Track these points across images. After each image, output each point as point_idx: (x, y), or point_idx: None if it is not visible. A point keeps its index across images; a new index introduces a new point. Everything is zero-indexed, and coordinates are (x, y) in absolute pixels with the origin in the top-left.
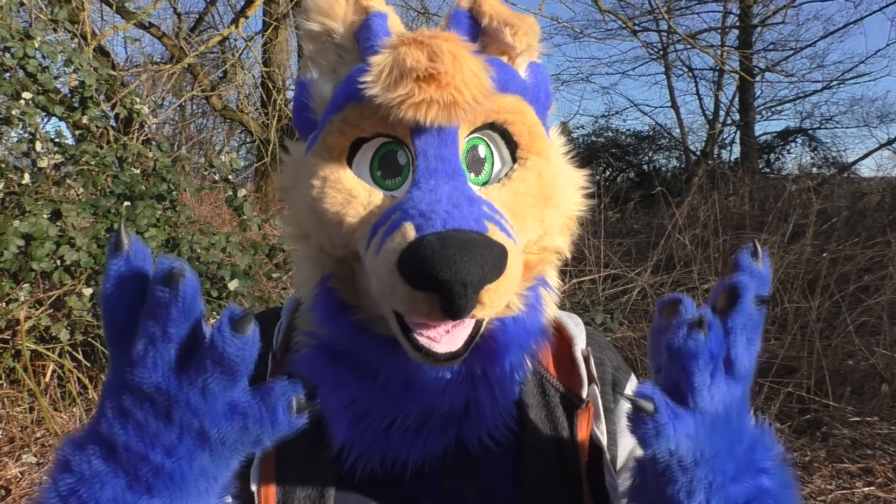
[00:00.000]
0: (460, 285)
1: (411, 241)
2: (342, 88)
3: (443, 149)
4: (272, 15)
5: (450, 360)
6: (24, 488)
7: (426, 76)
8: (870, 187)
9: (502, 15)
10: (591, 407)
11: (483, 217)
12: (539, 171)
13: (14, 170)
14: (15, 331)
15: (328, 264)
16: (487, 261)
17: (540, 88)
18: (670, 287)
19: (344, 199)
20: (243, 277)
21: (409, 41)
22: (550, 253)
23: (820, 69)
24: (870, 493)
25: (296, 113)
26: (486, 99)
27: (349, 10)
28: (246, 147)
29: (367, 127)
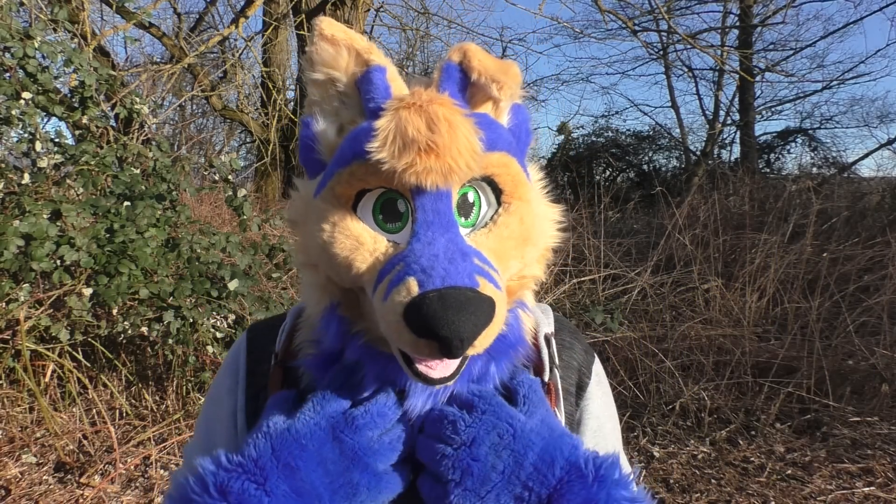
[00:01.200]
0: (458, 340)
1: (415, 296)
2: (350, 145)
3: (439, 203)
4: (272, 15)
5: (442, 382)
6: (24, 488)
7: (426, 148)
8: (870, 187)
9: (489, 71)
10: (552, 390)
11: (475, 272)
12: (521, 215)
13: (14, 170)
14: (15, 331)
15: (335, 293)
16: (480, 317)
17: (521, 128)
18: (670, 287)
19: (352, 245)
20: (243, 277)
21: (408, 105)
22: (529, 280)
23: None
24: (870, 493)
25: (302, 152)
26: (477, 163)
27: (351, 62)
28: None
29: (372, 182)
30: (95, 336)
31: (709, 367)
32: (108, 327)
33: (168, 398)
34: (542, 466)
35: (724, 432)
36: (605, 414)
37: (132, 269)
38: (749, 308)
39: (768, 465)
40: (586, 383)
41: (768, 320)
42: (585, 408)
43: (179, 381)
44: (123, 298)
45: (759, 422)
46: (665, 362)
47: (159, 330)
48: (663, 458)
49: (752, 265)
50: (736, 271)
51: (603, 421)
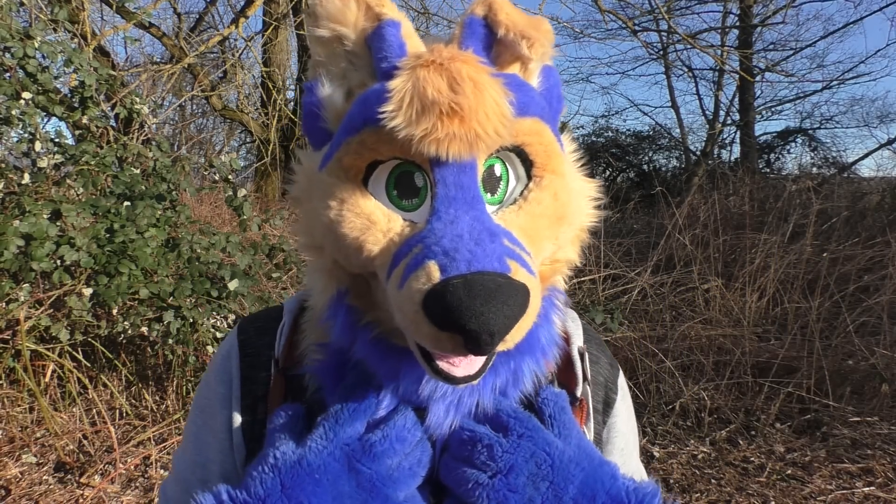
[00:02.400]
0: (487, 335)
1: (436, 283)
2: (359, 110)
3: (462, 176)
4: (272, 15)
5: (467, 381)
6: (24, 488)
7: (448, 111)
8: (870, 187)
9: (518, 26)
10: (584, 406)
11: (505, 255)
12: (555, 190)
13: (14, 170)
14: (15, 331)
15: (343, 278)
16: (513, 308)
17: (552, 93)
18: (670, 287)
19: (363, 224)
20: (243, 277)
21: (427, 63)
22: (562, 264)
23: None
24: (870, 493)
25: (306, 119)
26: (507, 129)
27: (360, 17)
28: (246, 147)
29: (384, 151)
30: (95, 336)
31: (709, 367)
32: (108, 327)
33: (168, 398)
34: (583, 502)
35: (724, 432)
36: (630, 429)
37: (132, 269)
38: (749, 308)
39: (768, 465)
40: (613, 399)
41: (768, 320)
42: (613, 426)
43: (179, 381)
44: (123, 298)
45: (759, 422)
46: (665, 362)
47: (159, 330)
48: (663, 458)
49: (752, 265)
50: (736, 271)
51: (629, 438)
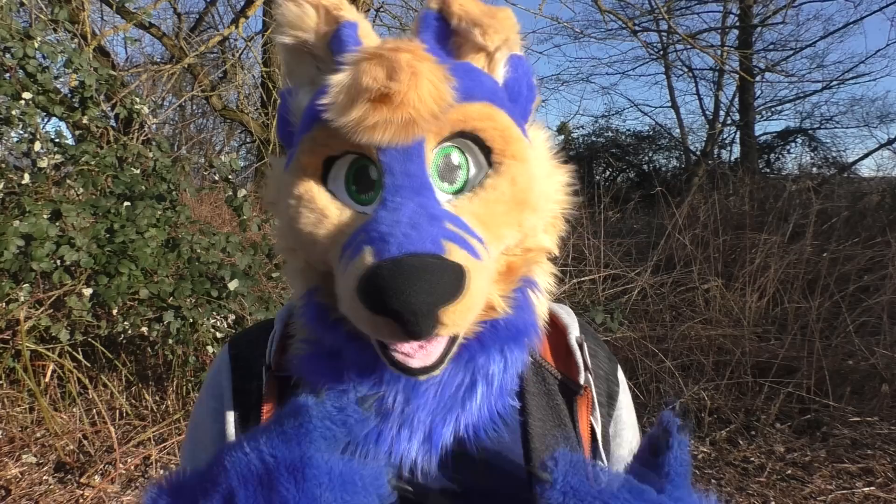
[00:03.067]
0: (410, 314)
1: (368, 266)
2: (309, 108)
3: (408, 164)
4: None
5: (424, 373)
6: (24, 488)
7: (380, 97)
8: (870, 187)
9: (471, 14)
10: (589, 393)
11: (442, 237)
12: (513, 175)
13: (14, 170)
14: (15, 331)
15: (314, 277)
16: (438, 286)
17: (521, 82)
18: (670, 287)
19: (316, 218)
20: (243, 277)
21: (370, 55)
22: (536, 253)
23: (820, 69)
24: (870, 493)
25: (279, 126)
26: (446, 112)
27: (321, 22)
28: (246, 147)
29: (335, 146)
30: (95, 336)
31: (709, 367)
32: (108, 327)
33: (168, 398)
34: None
35: (724, 432)
36: (634, 421)
37: (132, 269)
38: (749, 308)
39: (768, 465)
40: (616, 392)
41: (768, 320)
42: (619, 418)
43: (179, 381)
44: (123, 298)
45: (759, 422)
46: (665, 362)
47: (159, 330)
48: None
49: (752, 265)
50: (736, 271)
51: (635, 430)
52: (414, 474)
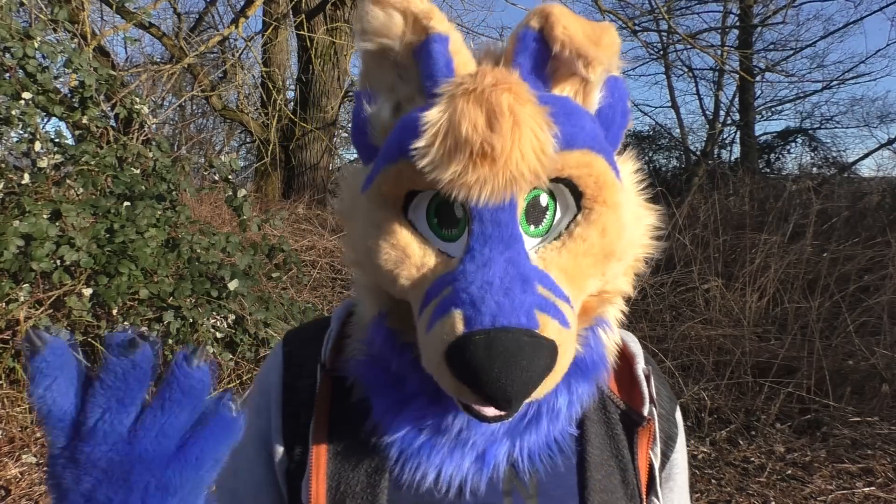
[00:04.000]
0: (504, 401)
1: (459, 336)
2: (397, 137)
3: (500, 213)
4: (272, 15)
5: (498, 420)
6: (23, 488)
7: (480, 152)
8: (870, 187)
9: (575, 42)
10: (651, 426)
11: (535, 307)
12: (603, 225)
13: (14, 170)
14: (15, 331)
15: (385, 300)
16: (535, 370)
17: (616, 108)
18: (670, 287)
19: (398, 257)
20: (243, 277)
21: (467, 91)
22: (612, 295)
23: (820, 69)
24: (870, 493)
25: (354, 133)
26: (547, 168)
27: (408, 30)
28: (246, 147)
29: (420, 183)
30: (95, 336)
31: (709, 367)
32: (108, 327)
33: None
34: None
35: (725, 432)
36: (686, 464)
37: (132, 269)
38: (749, 308)
39: (768, 466)
40: (675, 434)
41: (768, 320)
42: (675, 462)
43: None
44: (123, 298)
45: (759, 422)
46: (665, 362)
47: (159, 330)
48: None
49: (752, 265)
50: (736, 271)
51: (686, 475)
52: (463, 492)
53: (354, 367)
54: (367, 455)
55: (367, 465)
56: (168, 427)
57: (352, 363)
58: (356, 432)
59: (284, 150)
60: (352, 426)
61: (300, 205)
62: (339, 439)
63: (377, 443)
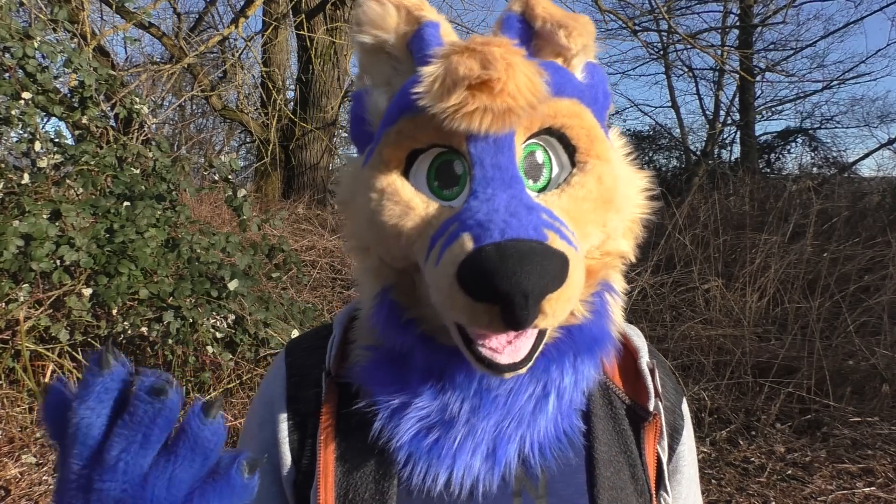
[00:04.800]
0: (521, 296)
1: (470, 251)
2: (396, 101)
3: (499, 156)
4: (272, 15)
5: (512, 370)
6: (23, 488)
7: (478, 84)
8: (870, 187)
9: (555, 17)
10: (658, 421)
11: (542, 225)
12: (599, 174)
13: (14, 170)
14: (15, 331)
15: (389, 276)
16: (548, 270)
17: (598, 89)
18: (670, 287)
19: (402, 210)
20: (243, 277)
21: (460, 49)
22: (614, 257)
23: (820, 69)
24: (870, 493)
25: (353, 126)
26: (541, 104)
27: (401, 22)
28: (246, 147)
29: (422, 138)
30: (95, 336)
31: (709, 368)
32: (107, 327)
33: None
34: None
35: (725, 432)
36: (694, 456)
37: (132, 269)
38: (749, 308)
39: (768, 466)
40: (681, 426)
41: (768, 320)
42: (681, 454)
43: (179, 382)
44: (123, 298)
45: (759, 422)
46: (665, 362)
47: (159, 330)
48: None
49: (752, 265)
50: (736, 271)
51: (695, 466)
52: (474, 493)
53: (359, 373)
54: (375, 460)
55: (375, 471)
56: (177, 477)
57: (356, 369)
58: (363, 438)
59: (284, 150)
60: (359, 432)
61: (300, 205)
62: (346, 446)
63: (385, 447)
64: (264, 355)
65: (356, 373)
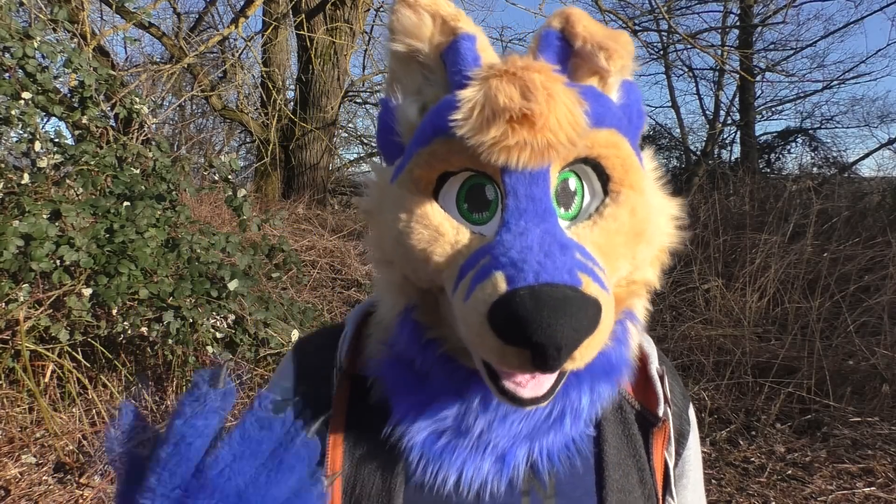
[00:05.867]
0: (555, 348)
1: (503, 294)
2: (430, 121)
3: (534, 188)
4: (272, 15)
5: (534, 404)
6: (23, 488)
7: (519, 118)
8: (870, 187)
9: (596, 37)
10: (667, 427)
11: (576, 268)
12: (632, 206)
13: (14, 170)
14: (15, 331)
15: (413, 294)
16: (582, 322)
17: (632, 109)
18: (670, 287)
19: (431, 235)
20: (243, 277)
21: (500, 73)
22: (640, 286)
23: (820, 69)
24: (870, 493)
25: (380, 134)
26: (581, 138)
27: (436, 31)
28: (246, 147)
29: (455, 162)
30: (95, 336)
31: (709, 368)
32: (107, 327)
33: (168, 398)
34: None
35: (725, 432)
36: (699, 461)
37: (132, 269)
38: (749, 308)
39: (769, 466)
40: (687, 431)
41: (768, 320)
42: (687, 459)
43: (179, 382)
44: (123, 298)
45: (759, 422)
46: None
47: (159, 330)
48: None
49: (752, 265)
50: (736, 271)
51: (700, 470)
52: (481, 494)
53: (375, 367)
54: (384, 457)
55: (383, 467)
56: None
57: (372, 363)
58: (374, 434)
59: (284, 150)
60: (369, 428)
61: (300, 205)
62: (355, 441)
63: (395, 444)
64: (264, 355)
65: (373, 366)
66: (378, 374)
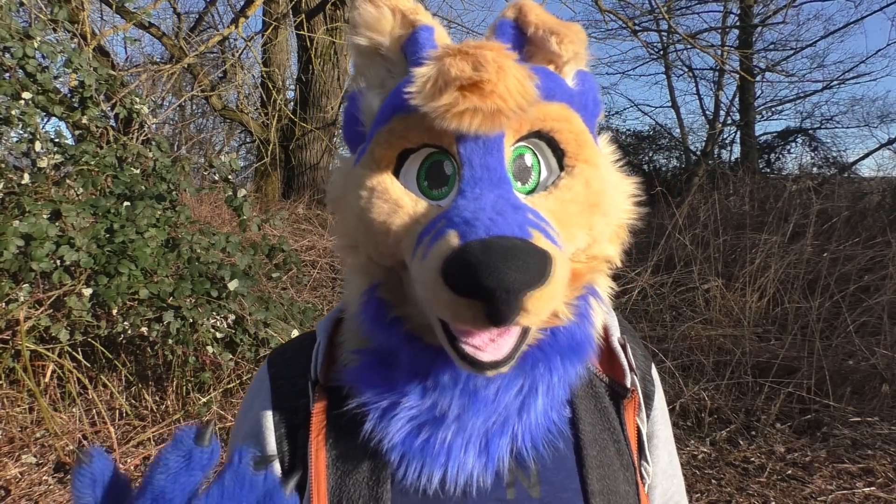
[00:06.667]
0: (503, 291)
1: (455, 247)
2: (389, 101)
3: (488, 157)
4: (272, 15)
5: (494, 368)
6: (23, 488)
7: (470, 85)
8: (870, 187)
9: (548, 24)
10: (636, 396)
11: (527, 224)
12: (586, 178)
13: (14, 170)
14: (15, 331)
15: (377, 274)
16: (531, 266)
17: (588, 96)
18: (670, 287)
19: (390, 208)
20: (243, 277)
21: (453, 52)
22: (600, 261)
23: (820, 69)
24: (870, 493)
25: (346, 126)
26: (531, 106)
27: (396, 25)
28: (246, 147)
29: (413, 138)
30: (95, 336)
31: (709, 368)
32: (107, 327)
33: (168, 398)
34: None
35: (725, 432)
36: (667, 418)
37: (132, 269)
38: (749, 308)
39: (769, 466)
40: (652, 391)
41: (768, 320)
42: (655, 419)
43: (179, 382)
44: (123, 298)
45: (759, 422)
46: (665, 362)
47: (159, 330)
48: None
49: (752, 265)
50: (736, 271)
51: (669, 428)
52: (468, 491)
53: (347, 375)
54: (368, 464)
55: (368, 475)
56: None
57: (344, 371)
58: (354, 442)
59: (284, 150)
60: (350, 436)
61: (300, 205)
62: (337, 451)
63: (377, 449)
64: (264, 355)
65: (346, 375)
66: (351, 380)
